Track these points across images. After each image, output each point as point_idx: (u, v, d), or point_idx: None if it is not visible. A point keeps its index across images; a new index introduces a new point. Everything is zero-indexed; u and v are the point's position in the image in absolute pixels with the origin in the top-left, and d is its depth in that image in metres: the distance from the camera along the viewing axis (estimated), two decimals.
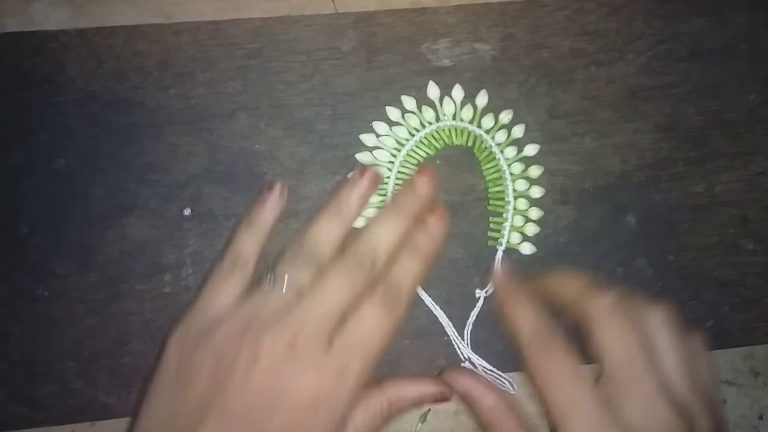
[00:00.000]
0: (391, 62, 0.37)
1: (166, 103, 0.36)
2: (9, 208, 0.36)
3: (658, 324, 0.31)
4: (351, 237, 0.32)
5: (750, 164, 0.38)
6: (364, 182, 0.33)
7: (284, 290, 0.30)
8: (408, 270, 0.32)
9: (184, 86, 0.36)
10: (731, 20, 0.38)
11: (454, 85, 0.37)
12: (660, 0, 0.38)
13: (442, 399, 0.32)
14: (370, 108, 0.37)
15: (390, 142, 0.36)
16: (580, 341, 0.31)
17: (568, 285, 0.33)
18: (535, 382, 0.31)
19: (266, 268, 0.31)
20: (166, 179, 0.36)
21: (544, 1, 0.38)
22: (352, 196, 0.33)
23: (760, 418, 0.38)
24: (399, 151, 0.36)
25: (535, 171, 0.37)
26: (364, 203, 0.33)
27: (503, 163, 0.37)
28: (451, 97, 0.37)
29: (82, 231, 0.35)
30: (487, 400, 0.32)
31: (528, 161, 0.37)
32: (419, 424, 0.37)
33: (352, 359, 0.29)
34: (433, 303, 0.36)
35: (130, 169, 0.36)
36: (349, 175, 0.35)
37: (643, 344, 0.30)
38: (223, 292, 0.31)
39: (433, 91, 0.37)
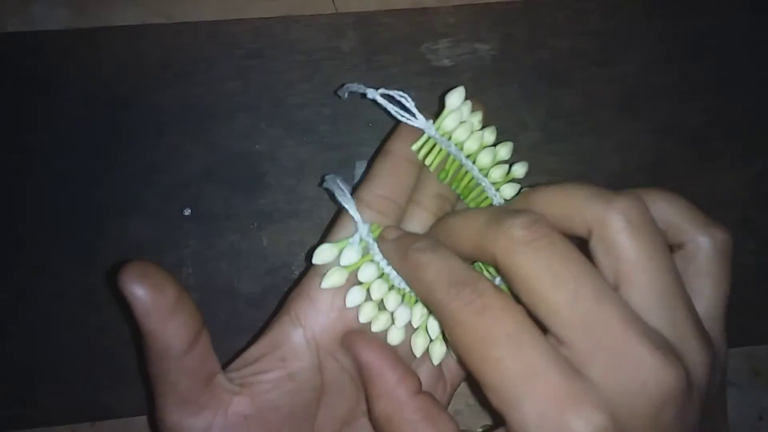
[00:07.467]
0: (391, 62, 0.37)
1: (166, 103, 0.36)
2: (9, 208, 0.36)
3: (613, 232, 0.22)
4: None
5: (750, 164, 0.38)
6: None
7: None
8: None
9: (184, 86, 0.36)
10: (731, 20, 0.38)
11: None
12: (660, 0, 0.38)
13: None
14: (371, 108, 0.36)
15: None
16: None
17: (470, 224, 0.25)
18: (463, 355, 0.22)
19: None
20: (166, 179, 0.36)
21: (544, 1, 0.38)
22: None
23: (760, 418, 0.38)
24: None
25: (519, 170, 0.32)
26: None
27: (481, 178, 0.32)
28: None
29: (82, 231, 0.35)
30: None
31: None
32: None
33: None
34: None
35: (130, 169, 0.36)
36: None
37: (585, 273, 0.22)
38: None
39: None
